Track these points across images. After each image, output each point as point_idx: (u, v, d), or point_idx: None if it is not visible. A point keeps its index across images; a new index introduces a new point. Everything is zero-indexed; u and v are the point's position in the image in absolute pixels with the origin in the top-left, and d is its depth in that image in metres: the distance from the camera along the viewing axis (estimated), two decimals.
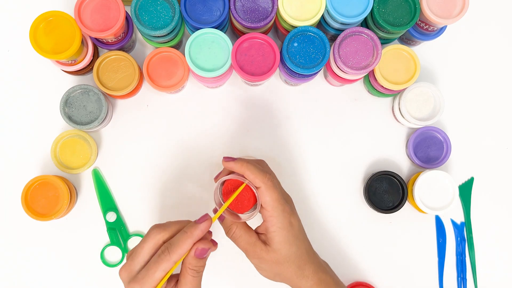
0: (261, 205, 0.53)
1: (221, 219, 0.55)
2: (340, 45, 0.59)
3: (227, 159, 0.54)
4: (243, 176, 0.52)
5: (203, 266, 0.50)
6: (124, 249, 0.66)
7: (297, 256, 0.54)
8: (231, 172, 0.55)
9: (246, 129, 0.68)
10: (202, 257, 0.49)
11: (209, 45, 0.59)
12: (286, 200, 0.54)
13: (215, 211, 0.55)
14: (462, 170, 0.70)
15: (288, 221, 0.53)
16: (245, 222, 0.55)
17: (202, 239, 0.49)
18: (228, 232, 0.54)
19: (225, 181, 0.54)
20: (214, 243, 0.51)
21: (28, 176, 0.64)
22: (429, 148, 0.67)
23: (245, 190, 0.53)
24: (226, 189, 0.54)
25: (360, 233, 0.68)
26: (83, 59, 0.62)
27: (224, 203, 0.53)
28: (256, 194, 0.52)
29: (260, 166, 0.55)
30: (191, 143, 0.68)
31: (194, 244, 0.48)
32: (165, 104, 0.68)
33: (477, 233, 0.69)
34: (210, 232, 0.52)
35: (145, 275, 0.46)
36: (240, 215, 0.54)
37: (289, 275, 0.54)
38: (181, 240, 0.47)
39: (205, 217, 0.50)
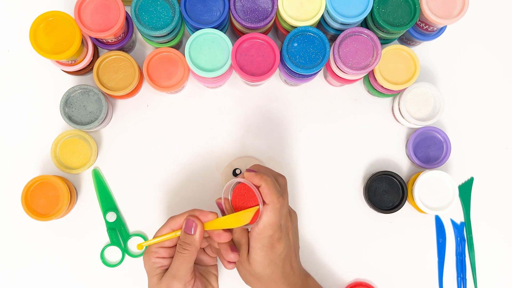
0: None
1: (222, 211, 0.55)
2: (340, 45, 0.59)
3: (249, 170, 0.54)
4: (258, 188, 0.52)
5: (190, 245, 0.52)
6: (124, 249, 0.66)
7: (268, 278, 0.54)
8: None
9: (246, 129, 0.68)
10: (188, 231, 0.52)
11: (209, 45, 0.59)
12: (282, 226, 0.54)
13: (218, 203, 0.55)
14: (462, 170, 0.70)
15: (270, 245, 0.53)
16: None
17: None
18: None
19: (240, 182, 0.54)
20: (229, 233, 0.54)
21: (28, 176, 0.64)
22: (429, 148, 0.67)
23: (254, 198, 0.53)
24: (238, 190, 0.54)
25: (360, 233, 0.68)
26: (83, 59, 0.62)
27: (230, 200, 0.55)
28: (260, 209, 0.52)
29: (279, 181, 0.55)
30: (191, 143, 0.68)
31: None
32: (165, 104, 0.68)
33: (477, 233, 0.69)
34: (231, 234, 0.54)
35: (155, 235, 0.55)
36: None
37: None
38: (182, 214, 0.54)
39: (213, 212, 0.54)
